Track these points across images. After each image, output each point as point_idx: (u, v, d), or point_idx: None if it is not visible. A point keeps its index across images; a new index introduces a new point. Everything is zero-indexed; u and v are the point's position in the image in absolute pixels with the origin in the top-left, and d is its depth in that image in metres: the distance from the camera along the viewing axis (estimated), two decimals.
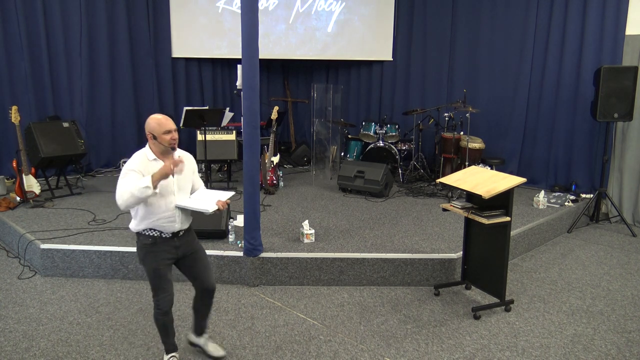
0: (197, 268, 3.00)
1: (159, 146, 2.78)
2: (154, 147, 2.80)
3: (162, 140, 2.76)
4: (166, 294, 2.89)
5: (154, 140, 2.77)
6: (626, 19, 5.96)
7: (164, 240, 2.85)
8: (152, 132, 2.76)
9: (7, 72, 6.59)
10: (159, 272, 2.86)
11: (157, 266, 2.86)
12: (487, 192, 3.53)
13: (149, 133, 2.77)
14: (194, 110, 5.88)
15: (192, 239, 3.01)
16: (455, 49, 7.59)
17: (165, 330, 3.00)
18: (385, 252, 4.33)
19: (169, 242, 2.87)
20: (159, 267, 2.86)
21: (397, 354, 3.28)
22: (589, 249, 5.27)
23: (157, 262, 2.86)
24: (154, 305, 2.92)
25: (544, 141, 6.80)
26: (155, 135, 2.75)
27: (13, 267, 4.54)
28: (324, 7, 8.19)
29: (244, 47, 3.90)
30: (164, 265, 2.88)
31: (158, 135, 2.75)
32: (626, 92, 5.61)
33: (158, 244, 2.85)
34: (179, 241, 2.91)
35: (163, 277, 2.88)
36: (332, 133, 7.49)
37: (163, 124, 2.75)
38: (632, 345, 3.41)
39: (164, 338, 3.03)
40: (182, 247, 2.93)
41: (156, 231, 2.84)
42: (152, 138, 2.77)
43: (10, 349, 3.25)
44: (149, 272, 2.88)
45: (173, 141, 2.78)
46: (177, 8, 7.97)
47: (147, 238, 2.84)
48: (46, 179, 6.06)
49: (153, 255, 2.86)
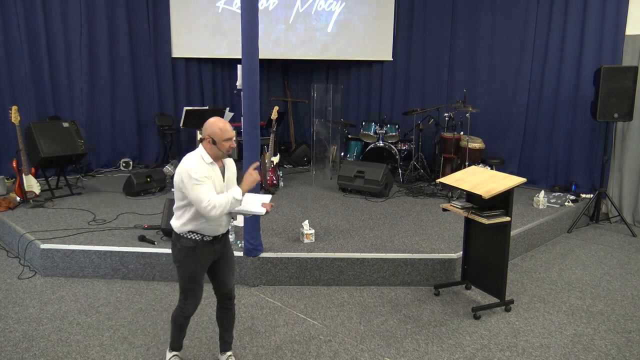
0: (223, 271, 2.97)
1: (216, 151, 2.76)
2: (210, 151, 2.76)
3: (221, 147, 2.74)
4: (195, 299, 2.90)
5: (212, 145, 2.74)
6: (626, 19, 5.96)
7: (205, 244, 2.83)
8: (213, 136, 2.72)
9: (7, 72, 6.59)
10: (195, 277, 2.86)
11: (195, 270, 2.85)
12: (487, 192, 3.53)
13: (208, 137, 2.73)
14: (194, 110, 5.89)
15: (227, 241, 3.00)
16: (455, 49, 7.59)
17: (180, 329, 3.01)
18: (385, 252, 4.33)
19: (209, 246, 2.85)
20: (197, 272, 2.85)
21: (397, 354, 3.28)
22: (589, 249, 5.27)
23: (195, 266, 2.84)
24: (179, 306, 2.92)
25: (544, 141, 6.80)
26: (215, 140, 2.72)
27: (13, 267, 4.54)
28: (324, 7, 8.19)
29: (244, 47, 3.90)
30: (201, 270, 2.87)
31: (219, 141, 2.72)
32: (626, 92, 5.61)
33: (199, 248, 2.82)
34: (218, 244, 2.89)
35: (197, 283, 2.87)
36: (332, 133, 7.49)
37: (226, 131, 2.73)
38: (632, 345, 3.41)
39: (175, 335, 3.04)
40: (220, 250, 2.92)
41: (198, 234, 2.80)
42: (212, 142, 2.73)
43: (10, 349, 3.25)
44: (183, 275, 2.86)
45: (231, 149, 2.78)
46: (177, 8, 7.97)
47: (189, 241, 2.80)
48: (46, 179, 6.06)
49: (193, 259, 2.83)
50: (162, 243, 4.44)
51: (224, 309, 3.03)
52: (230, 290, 3.01)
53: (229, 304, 3.03)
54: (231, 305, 3.04)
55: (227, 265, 2.98)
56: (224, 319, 3.06)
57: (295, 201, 6.02)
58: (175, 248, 2.87)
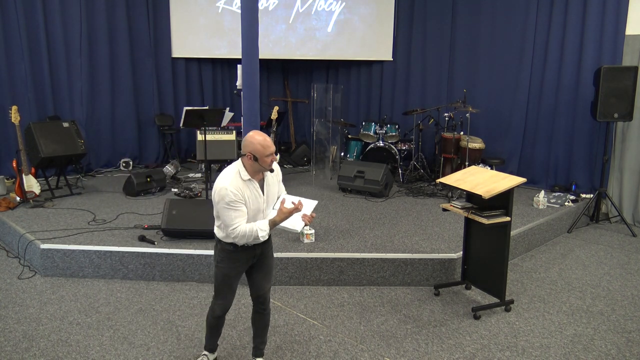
0: (260, 274, 2.94)
1: (257, 167, 2.69)
2: (249, 167, 2.69)
3: (264, 163, 2.66)
4: (224, 301, 2.90)
5: (253, 162, 2.66)
6: (626, 19, 5.96)
7: (245, 248, 2.81)
8: (255, 153, 2.64)
9: (7, 72, 6.59)
10: (229, 279, 2.86)
11: (229, 273, 2.84)
12: (487, 192, 3.53)
13: (249, 153, 2.65)
14: (194, 110, 5.87)
15: (268, 245, 2.95)
16: (455, 49, 7.59)
17: (210, 329, 3.03)
18: (385, 252, 4.33)
19: (249, 252, 2.83)
20: (231, 275, 2.85)
21: (397, 354, 3.28)
22: (589, 249, 5.27)
23: (231, 269, 2.84)
24: (210, 306, 2.94)
25: (544, 141, 6.80)
26: (257, 157, 2.64)
27: (13, 267, 4.54)
28: (324, 7, 8.19)
29: (244, 47, 3.91)
30: (236, 273, 2.86)
31: (260, 157, 2.64)
32: (626, 92, 5.61)
33: (239, 252, 2.81)
34: (260, 249, 2.87)
35: (229, 286, 2.88)
36: (332, 133, 7.49)
37: (267, 147, 2.64)
38: (632, 345, 3.41)
39: (207, 334, 3.06)
40: (259, 254, 2.89)
41: None
42: (253, 159, 2.65)
43: (10, 349, 3.25)
44: (217, 276, 2.86)
45: (272, 163, 2.71)
46: (177, 8, 7.97)
47: (230, 245, 2.79)
48: (46, 179, 6.06)
49: (230, 261, 2.82)
50: (162, 243, 4.44)
51: (258, 313, 3.01)
52: (264, 294, 2.95)
53: (262, 308, 2.99)
54: (264, 310, 2.99)
55: (263, 268, 2.93)
56: (257, 324, 3.04)
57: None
58: (216, 248, 2.88)
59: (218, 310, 2.91)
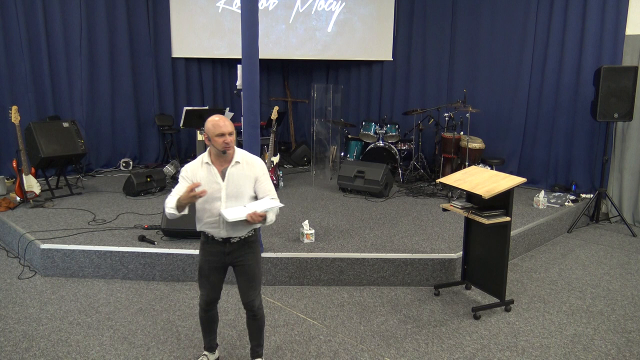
0: (240, 280, 2.92)
1: (215, 151, 2.73)
2: (213, 151, 2.76)
3: (215, 143, 2.69)
4: (203, 292, 2.95)
5: (209, 142, 2.73)
6: (626, 19, 5.96)
7: (214, 242, 2.84)
8: (207, 133, 2.72)
9: (7, 72, 6.59)
10: (202, 270, 2.91)
11: (203, 265, 2.91)
12: (487, 192, 3.53)
13: (205, 134, 2.73)
14: (194, 110, 5.89)
15: (245, 249, 2.86)
16: (455, 49, 7.59)
17: (202, 325, 3.07)
18: (385, 252, 4.33)
19: (217, 246, 2.84)
20: (203, 266, 2.91)
21: (397, 354, 3.28)
22: (589, 249, 5.27)
23: (203, 261, 2.90)
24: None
25: (544, 141, 6.80)
26: (209, 137, 2.71)
27: (13, 267, 4.54)
28: (324, 7, 8.19)
29: (244, 47, 3.90)
30: (207, 265, 2.89)
31: (211, 137, 2.69)
32: (626, 92, 5.61)
33: (209, 244, 2.87)
34: (229, 248, 2.84)
35: (203, 277, 2.92)
36: (332, 133, 7.50)
37: (217, 126, 2.66)
38: (632, 345, 3.41)
39: (202, 333, 3.11)
40: (232, 254, 2.85)
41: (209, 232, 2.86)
42: (208, 139, 2.73)
43: (10, 349, 3.25)
44: (198, 267, 2.96)
45: (225, 145, 2.68)
46: (177, 8, 7.97)
47: (203, 236, 2.89)
48: (46, 179, 6.06)
49: (203, 252, 2.91)
50: (162, 243, 4.44)
51: (249, 318, 3.02)
52: (250, 302, 2.91)
53: (251, 314, 2.98)
54: (254, 316, 2.98)
55: (243, 275, 2.89)
56: (250, 328, 3.04)
57: (295, 201, 6.02)
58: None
59: (200, 301, 2.97)
